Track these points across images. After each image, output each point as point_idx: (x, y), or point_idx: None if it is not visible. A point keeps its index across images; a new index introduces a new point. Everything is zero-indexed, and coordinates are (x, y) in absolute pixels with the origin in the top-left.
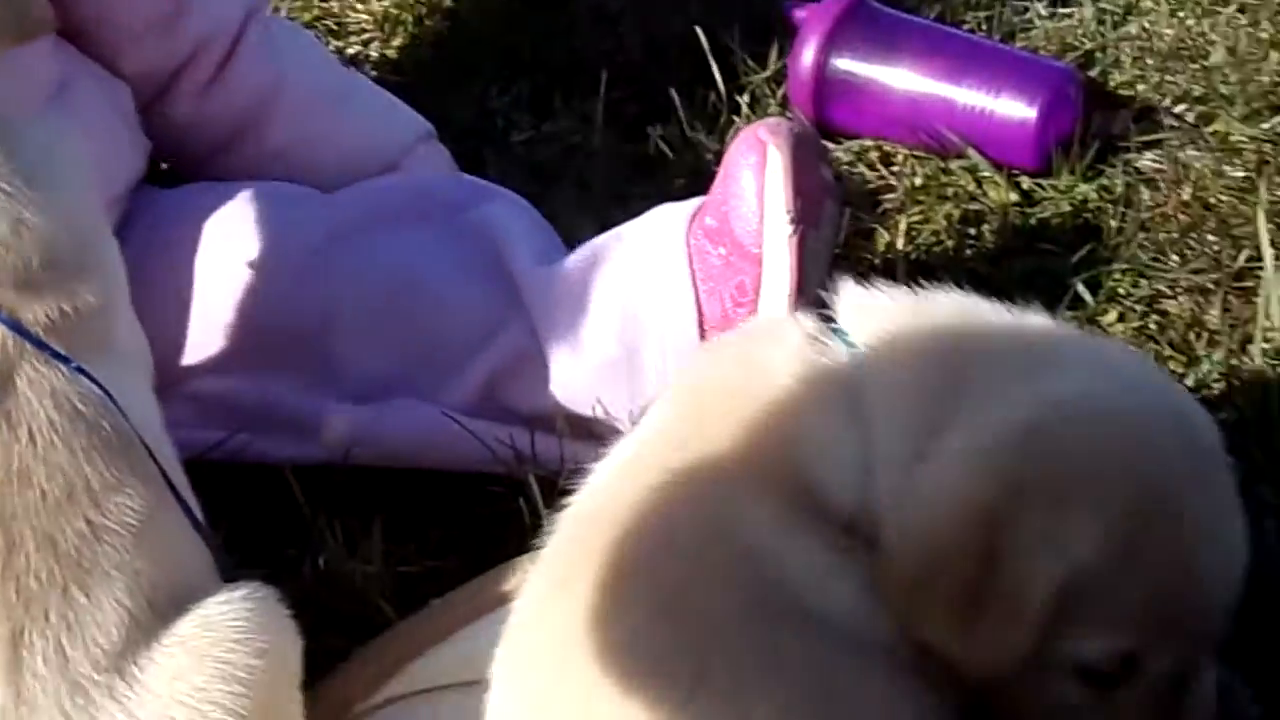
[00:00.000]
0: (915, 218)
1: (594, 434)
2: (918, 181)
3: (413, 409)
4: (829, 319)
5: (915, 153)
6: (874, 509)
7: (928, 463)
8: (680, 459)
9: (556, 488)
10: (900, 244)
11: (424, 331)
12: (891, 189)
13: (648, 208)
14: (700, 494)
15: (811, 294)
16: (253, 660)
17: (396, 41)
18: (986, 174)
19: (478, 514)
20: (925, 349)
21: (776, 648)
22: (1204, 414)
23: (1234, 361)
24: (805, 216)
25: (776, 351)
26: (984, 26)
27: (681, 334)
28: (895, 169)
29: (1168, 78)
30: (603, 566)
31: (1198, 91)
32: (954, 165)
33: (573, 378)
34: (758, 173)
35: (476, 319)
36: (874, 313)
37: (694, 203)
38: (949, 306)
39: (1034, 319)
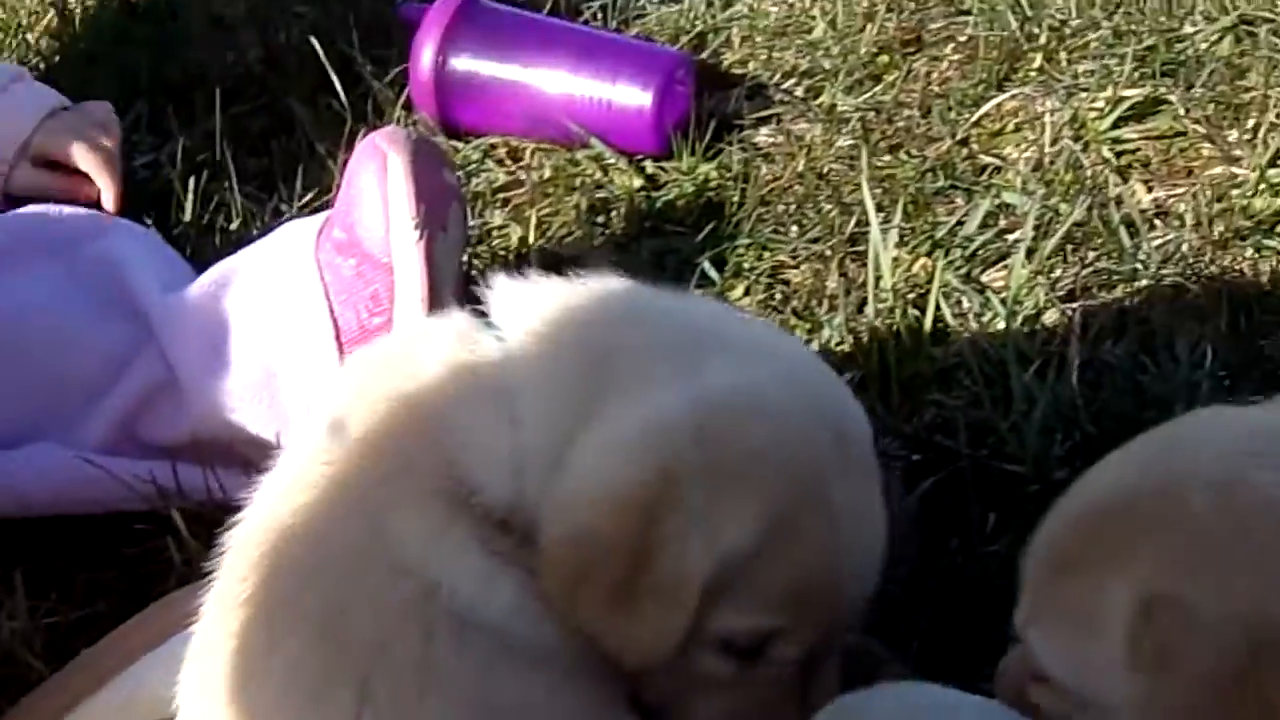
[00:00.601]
0: (545, 210)
1: (241, 458)
2: (546, 174)
3: (46, 454)
4: (483, 314)
5: (542, 146)
6: (529, 506)
7: (577, 456)
8: (335, 473)
9: (205, 518)
10: (532, 238)
11: (50, 373)
12: (521, 184)
13: (277, 224)
14: (356, 509)
15: (445, 297)
16: None
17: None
18: (611, 162)
19: (125, 555)
20: (576, 339)
21: (435, 663)
22: (857, 408)
23: (853, 323)
24: (431, 221)
25: (426, 353)
26: (600, 16)
27: (319, 349)
28: (523, 163)
29: (776, 54)
30: (268, 589)
31: (804, 66)
32: (580, 155)
33: (212, 404)
34: (379, 181)
35: (104, 355)
36: (527, 305)
37: (320, 217)
38: (604, 294)
39: (696, 303)
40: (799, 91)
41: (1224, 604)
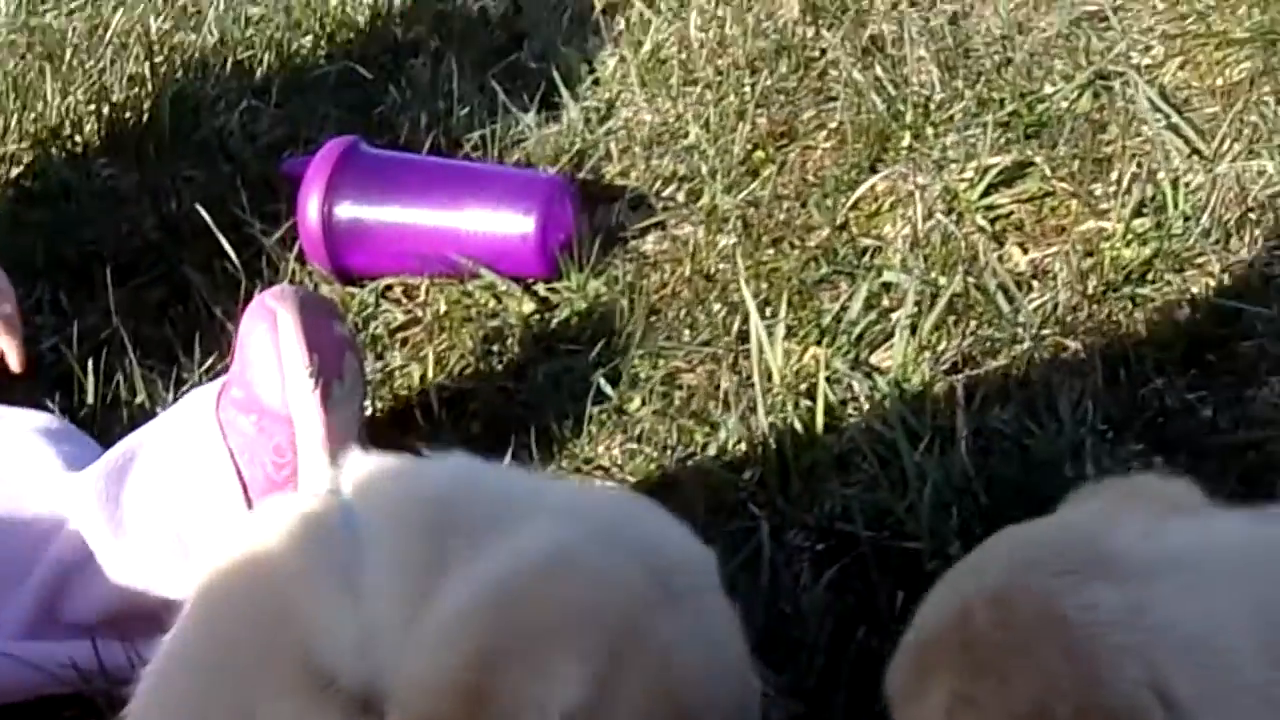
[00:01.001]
0: (443, 345)
1: (163, 628)
2: (441, 308)
3: None
4: (338, 491)
5: (436, 281)
6: (382, 689)
7: (413, 641)
8: (206, 661)
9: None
10: (431, 374)
11: None
12: (418, 321)
13: (180, 394)
14: (224, 698)
15: (348, 444)
16: None
17: None
18: (503, 289)
19: None
20: (419, 515)
21: None
22: (683, 539)
23: (747, 421)
24: (325, 370)
25: (280, 536)
26: (480, 146)
27: (228, 508)
28: (419, 300)
29: (654, 161)
30: None
31: (683, 171)
32: (472, 287)
33: (129, 576)
34: (271, 338)
35: (23, 539)
36: (377, 482)
37: (220, 381)
38: (447, 470)
39: (518, 474)
40: (679, 196)
41: (1008, 703)
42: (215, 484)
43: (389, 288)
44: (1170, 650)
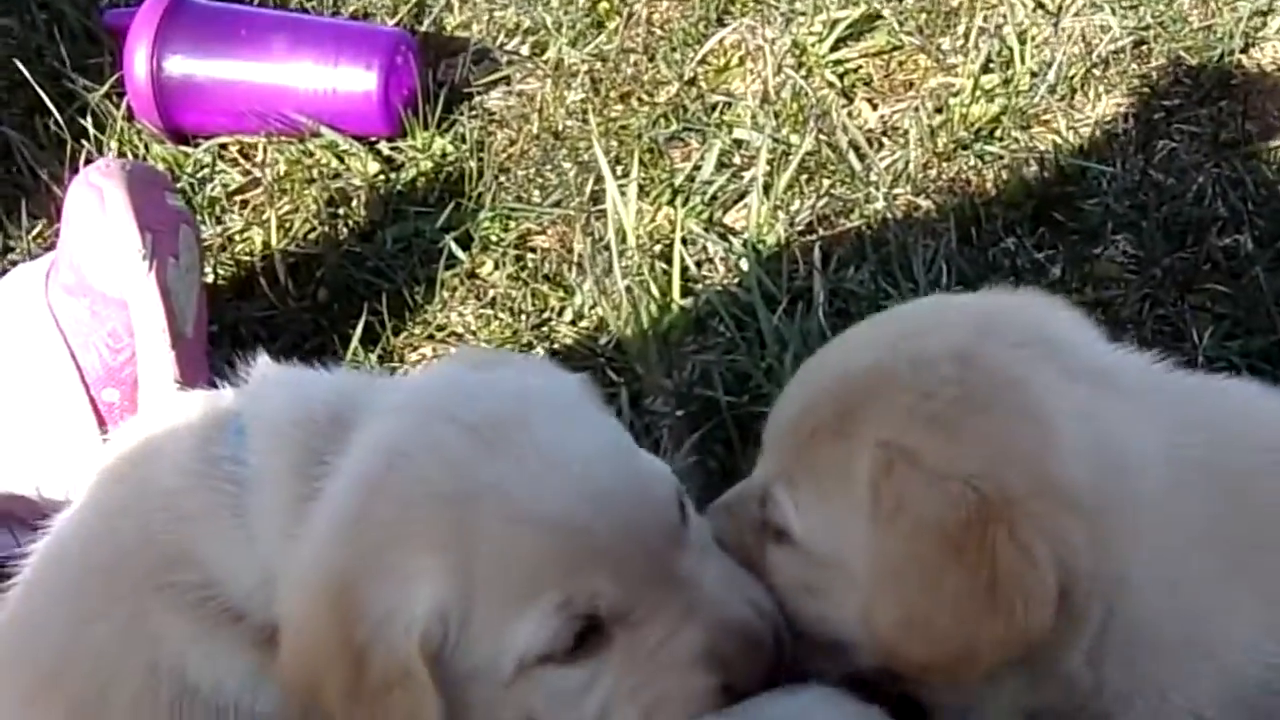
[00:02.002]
0: (285, 209)
1: (6, 518)
2: (282, 169)
3: None
4: (229, 405)
5: (275, 140)
6: (273, 605)
7: (290, 568)
8: (94, 582)
9: None
10: (274, 240)
11: None
12: (257, 183)
13: (7, 263)
14: (113, 614)
15: (188, 324)
16: None
17: None
18: (346, 149)
19: None
20: (300, 439)
21: None
22: (510, 381)
23: (603, 285)
24: (160, 249)
25: (169, 452)
26: None
27: (66, 396)
28: (257, 161)
29: (498, 14)
30: (24, 691)
31: (527, 23)
32: (314, 146)
33: None
34: (100, 218)
35: None
36: (262, 403)
37: (46, 261)
38: (326, 385)
39: (379, 380)
40: (524, 49)
41: (959, 461)
42: (51, 372)
43: (225, 147)
44: (1107, 451)
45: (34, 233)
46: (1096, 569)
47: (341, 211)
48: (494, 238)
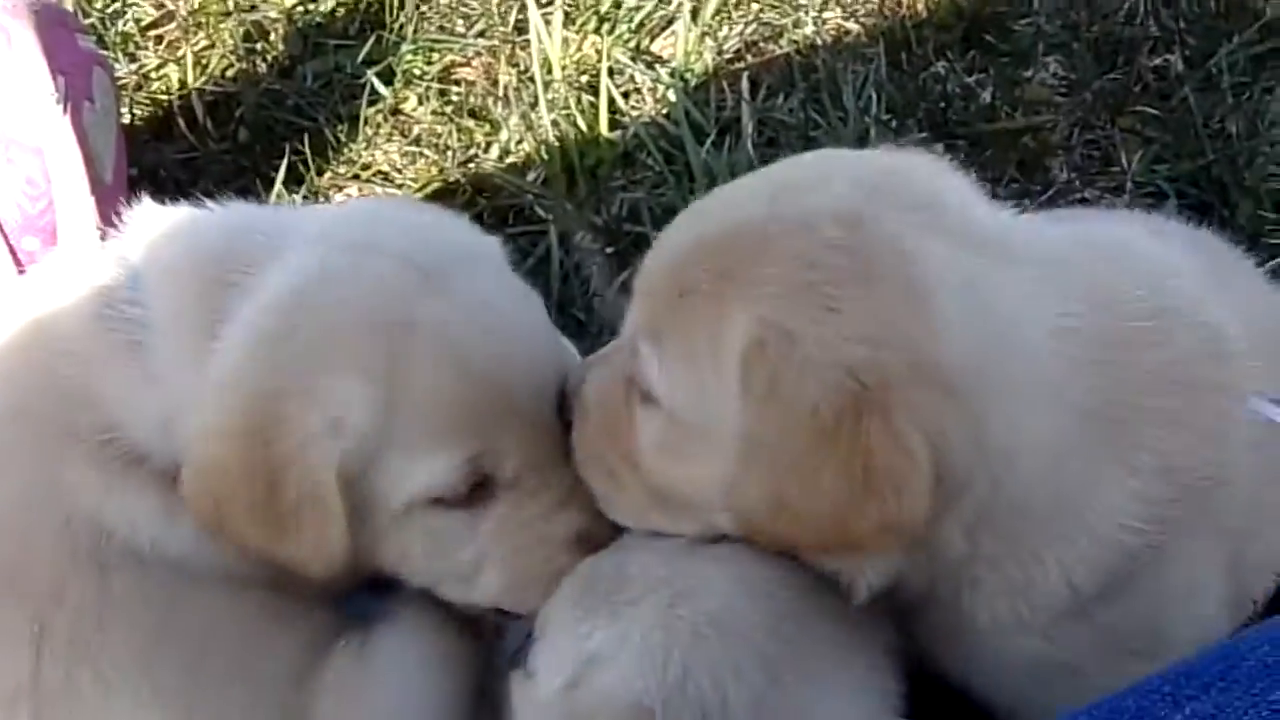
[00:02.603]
0: (201, 44)
1: None
2: (196, 3)
3: None
4: (120, 248)
5: None
6: (176, 442)
7: (198, 394)
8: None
9: None
10: (190, 78)
11: None
12: (172, 16)
13: None
14: (22, 466)
15: (106, 167)
16: None
17: None
18: None
19: None
20: (198, 276)
21: (114, 599)
22: (445, 230)
23: (529, 119)
24: (74, 92)
25: (69, 300)
26: None
27: None
28: None
29: None
30: None
31: None
32: None
33: None
34: (7, 61)
35: None
36: (157, 247)
37: None
38: (220, 222)
39: (292, 212)
40: None
41: (836, 345)
42: None
43: None
44: (992, 325)
45: None
46: (978, 447)
47: (259, 47)
48: (417, 71)
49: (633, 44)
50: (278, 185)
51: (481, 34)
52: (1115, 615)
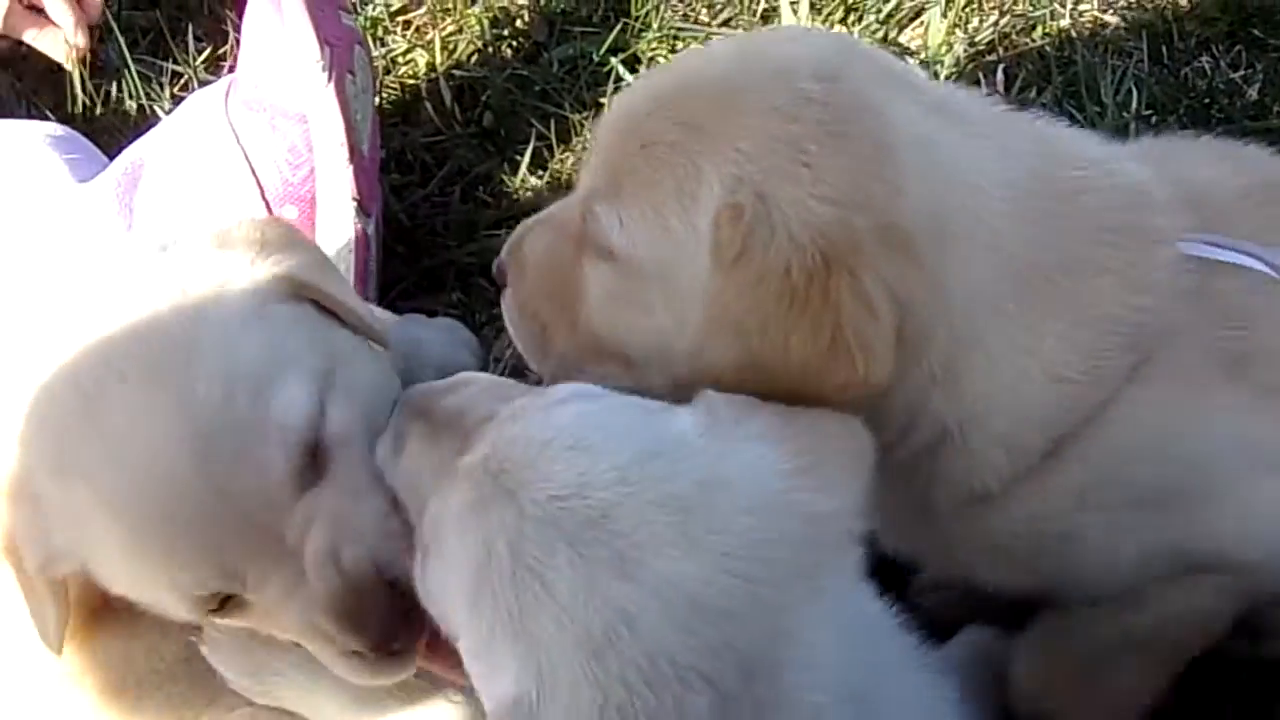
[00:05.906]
0: (449, 29)
1: None
2: None
3: None
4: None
5: None
6: None
7: None
8: None
9: None
10: (439, 61)
11: None
12: (420, 2)
13: (177, 90)
14: None
15: (363, 142)
16: None
17: None
18: None
19: None
20: None
21: None
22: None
23: None
24: (338, 63)
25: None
26: None
27: (248, 213)
28: None
29: None
30: None
31: None
32: None
33: None
34: (278, 31)
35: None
36: None
37: (225, 82)
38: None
39: None
40: None
41: (808, 207)
42: (233, 190)
43: None
44: (952, 181)
45: (202, 56)
46: (938, 307)
47: (506, 32)
48: (661, 59)
49: (880, 34)
50: (522, 170)
51: (726, 23)
52: (1077, 473)
